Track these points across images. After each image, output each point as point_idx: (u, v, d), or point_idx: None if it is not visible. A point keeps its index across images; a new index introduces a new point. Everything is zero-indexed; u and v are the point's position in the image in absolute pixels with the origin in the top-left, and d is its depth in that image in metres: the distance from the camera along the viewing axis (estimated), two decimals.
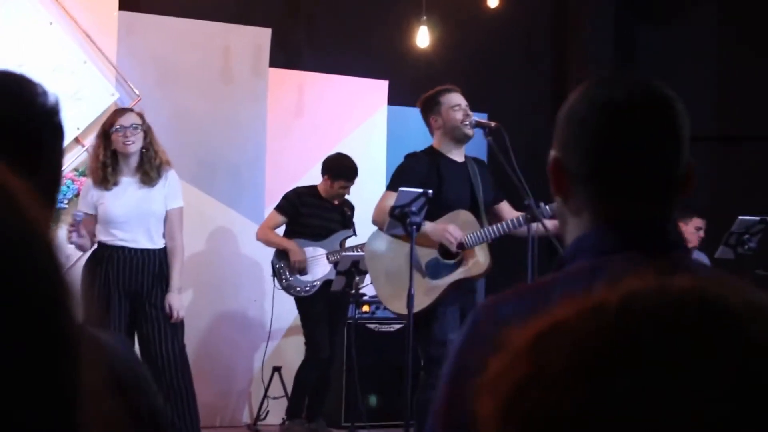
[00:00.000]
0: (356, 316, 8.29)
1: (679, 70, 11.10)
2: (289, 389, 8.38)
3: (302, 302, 8.16)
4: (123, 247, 6.58)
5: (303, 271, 8.07)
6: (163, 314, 6.61)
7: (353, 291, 7.85)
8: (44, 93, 1.73)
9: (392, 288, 6.40)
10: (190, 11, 8.59)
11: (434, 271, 6.40)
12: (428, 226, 6.25)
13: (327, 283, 8.04)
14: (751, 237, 7.52)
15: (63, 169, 1.77)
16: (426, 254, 6.38)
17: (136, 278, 6.59)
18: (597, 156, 1.84)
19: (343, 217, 8.24)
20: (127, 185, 6.58)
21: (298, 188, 8.29)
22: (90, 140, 7.92)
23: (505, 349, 0.80)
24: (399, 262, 6.34)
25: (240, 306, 8.64)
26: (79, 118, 7.87)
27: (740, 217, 7.64)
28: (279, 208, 8.20)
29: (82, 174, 7.86)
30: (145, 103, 8.03)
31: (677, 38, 11.16)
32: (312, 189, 8.24)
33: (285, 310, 8.52)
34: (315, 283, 8.09)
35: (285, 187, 8.53)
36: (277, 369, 8.64)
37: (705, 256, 8.73)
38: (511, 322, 0.84)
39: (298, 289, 8.10)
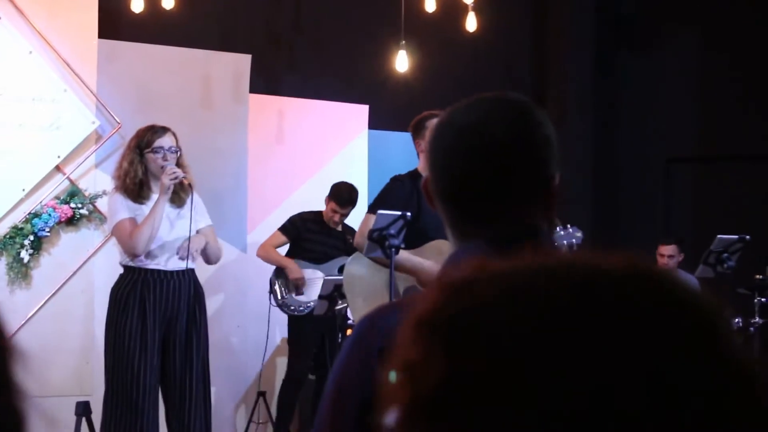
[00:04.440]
0: (339, 340, 8.31)
1: (659, 93, 11.17)
2: (275, 414, 8.39)
3: (294, 321, 8.38)
4: (157, 271, 6.51)
5: (300, 290, 8.24)
6: (199, 338, 6.57)
7: (335, 315, 7.90)
8: None
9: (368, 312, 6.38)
10: (169, 38, 8.61)
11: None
12: (416, 263, 6.23)
13: None
14: (729, 256, 7.53)
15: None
16: (405, 280, 6.38)
17: (172, 304, 6.51)
18: (444, 177, 1.84)
19: (345, 243, 8.37)
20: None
21: (303, 213, 8.56)
22: (70, 168, 7.94)
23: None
24: (377, 286, 6.34)
25: (223, 332, 8.63)
26: (59, 146, 7.87)
27: (719, 236, 7.66)
28: (282, 229, 8.49)
29: (64, 202, 7.86)
30: (125, 130, 8.03)
31: (657, 62, 11.22)
32: (317, 215, 8.51)
33: (269, 336, 8.52)
34: (309, 304, 8.27)
35: (267, 212, 8.57)
36: (261, 394, 8.63)
37: (692, 276, 8.75)
38: (393, 334, 0.86)
39: (292, 308, 8.31)
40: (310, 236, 8.44)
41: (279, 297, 8.38)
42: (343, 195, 8.33)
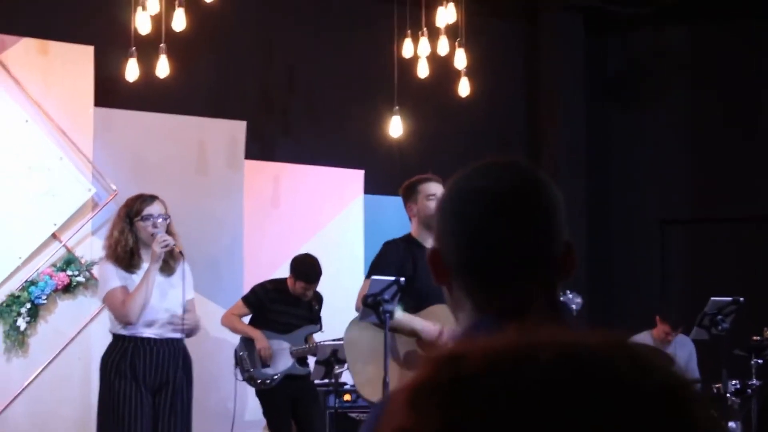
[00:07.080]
0: (337, 405, 8.30)
1: (652, 154, 11.24)
2: None
3: (264, 395, 8.32)
4: (148, 339, 6.49)
5: (267, 360, 8.16)
6: (183, 408, 6.54)
7: (333, 380, 7.91)
8: None
9: (368, 375, 6.39)
10: (164, 106, 8.68)
11: (412, 362, 6.39)
12: (418, 324, 6.24)
13: (288, 377, 8.17)
14: (723, 318, 7.55)
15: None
16: (405, 344, 6.38)
17: (162, 372, 6.50)
18: (466, 246, 1.77)
19: (310, 311, 8.34)
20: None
21: (266, 283, 8.44)
22: (67, 236, 7.97)
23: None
24: (376, 349, 6.33)
25: (220, 398, 8.61)
26: (55, 214, 7.91)
27: (712, 298, 7.68)
28: (245, 300, 8.39)
29: (60, 269, 7.89)
30: (121, 197, 8.05)
31: (650, 124, 11.29)
32: (281, 284, 8.37)
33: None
34: (276, 376, 8.19)
35: (263, 277, 8.58)
36: None
37: (688, 338, 8.75)
38: None
39: (259, 381, 8.22)
40: (275, 307, 8.31)
41: (245, 371, 8.28)
42: (309, 273, 8.21)
